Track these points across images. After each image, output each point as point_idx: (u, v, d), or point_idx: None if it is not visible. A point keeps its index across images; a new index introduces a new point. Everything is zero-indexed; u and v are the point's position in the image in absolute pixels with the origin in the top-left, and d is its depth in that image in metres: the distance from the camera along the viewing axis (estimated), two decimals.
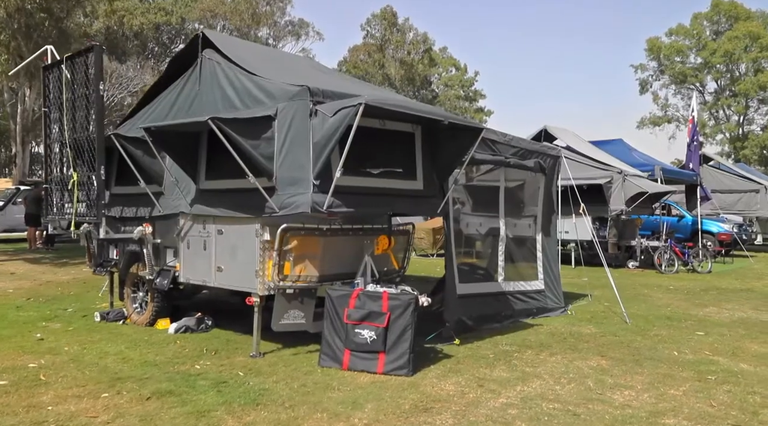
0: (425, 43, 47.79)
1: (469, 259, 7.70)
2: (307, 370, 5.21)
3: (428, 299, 5.44)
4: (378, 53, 47.09)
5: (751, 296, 10.20)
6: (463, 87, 54.92)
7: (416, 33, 48.28)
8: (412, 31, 48.08)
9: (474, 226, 7.64)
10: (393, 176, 5.86)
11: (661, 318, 8.01)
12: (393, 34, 47.16)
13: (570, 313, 8.20)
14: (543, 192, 8.16)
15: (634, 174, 14.05)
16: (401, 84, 47.22)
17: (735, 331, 7.26)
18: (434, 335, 6.33)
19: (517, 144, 7.56)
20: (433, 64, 53.43)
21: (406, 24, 48.30)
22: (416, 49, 47.94)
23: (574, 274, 13.04)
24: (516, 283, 7.67)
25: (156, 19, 42.16)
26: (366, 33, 47.77)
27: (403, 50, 47.74)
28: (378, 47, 47.39)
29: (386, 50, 47.40)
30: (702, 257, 13.80)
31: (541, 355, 5.97)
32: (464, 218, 7.51)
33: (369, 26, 47.50)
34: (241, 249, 5.73)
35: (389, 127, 5.84)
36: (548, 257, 8.17)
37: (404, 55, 47.56)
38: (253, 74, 5.83)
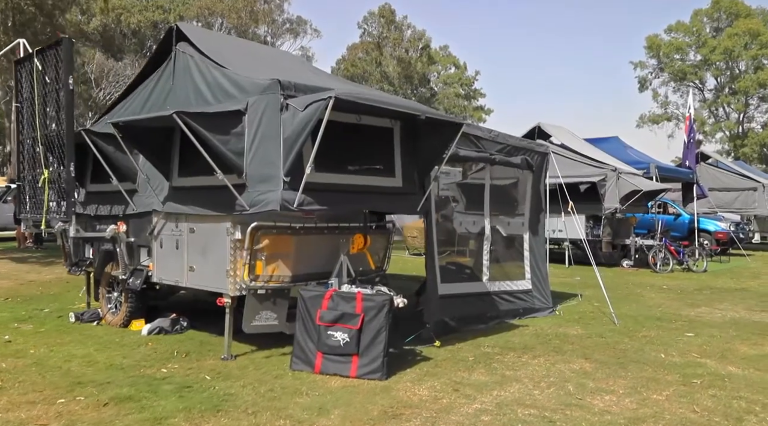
0: (422, 40, 47.49)
1: (452, 258, 7.52)
2: (277, 373, 5.03)
3: (404, 300, 5.26)
4: (375, 51, 46.84)
5: (745, 296, 10.01)
6: (462, 85, 54.74)
7: (414, 31, 48.03)
8: (410, 29, 47.83)
9: (458, 224, 7.46)
10: (370, 173, 5.68)
11: (651, 318, 7.82)
12: (391, 32, 46.90)
13: (558, 313, 8.02)
14: (530, 190, 7.97)
15: (629, 172, 13.85)
16: (399, 82, 46.98)
17: (726, 332, 7.07)
18: (414, 337, 6.15)
19: (503, 140, 7.37)
20: (432, 62, 53.25)
21: (405, 22, 48.08)
22: (414, 47, 47.68)
23: (567, 274, 12.86)
24: (502, 283, 7.48)
25: (153, 17, 42.04)
26: (363, 31, 47.50)
27: (401, 48, 47.48)
28: (376, 45, 47.14)
29: (384, 48, 47.15)
30: (697, 256, 13.60)
31: (524, 357, 5.78)
32: (449, 216, 7.32)
33: (366, 24, 47.25)
34: (213, 248, 5.55)
35: (366, 123, 5.66)
36: (536, 256, 7.99)
37: (402, 53, 47.29)
38: (225, 68, 5.65)
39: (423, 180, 6.09)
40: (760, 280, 12.13)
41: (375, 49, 47.12)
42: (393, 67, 46.21)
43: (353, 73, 48.34)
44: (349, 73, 48.55)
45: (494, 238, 7.48)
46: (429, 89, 52.44)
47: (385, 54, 47.15)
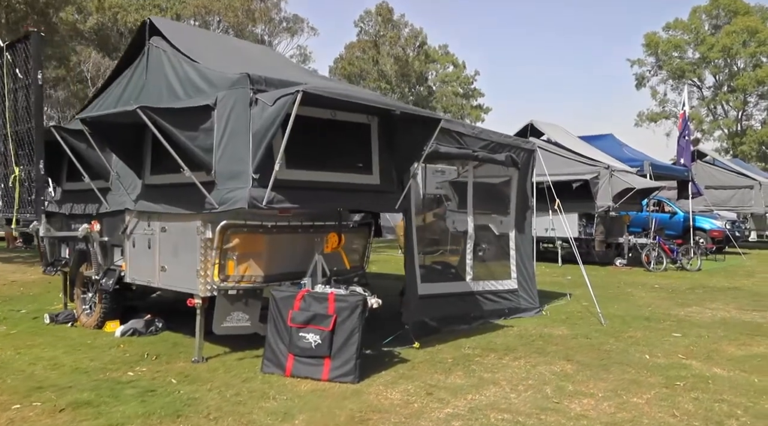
0: (418, 38, 47.29)
1: (434, 257, 7.38)
2: (247, 376, 4.89)
3: (378, 301, 5.11)
4: (373, 49, 46.66)
5: (738, 295, 9.86)
6: (461, 84, 54.59)
7: (411, 29, 47.85)
8: (408, 27, 47.65)
9: (443, 223, 7.31)
10: (346, 170, 5.53)
11: (639, 318, 7.67)
12: (388, 30, 46.72)
13: (545, 313, 7.87)
14: (516, 188, 7.81)
15: (622, 169, 13.69)
16: (397, 81, 46.81)
17: (714, 332, 6.92)
18: (392, 338, 6.00)
19: (486, 137, 7.22)
20: (430, 61, 53.07)
21: (402, 20, 47.90)
22: (411, 45, 47.50)
23: (559, 273, 12.72)
24: (486, 283, 7.33)
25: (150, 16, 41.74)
26: (360, 29, 47.32)
27: (398, 46, 47.28)
28: (373, 43, 46.96)
29: (381, 47, 46.96)
30: (691, 255, 13.45)
31: (504, 359, 5.64)
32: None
33: (363, 23, 47.06)
34: (184, 247, 5.40)
35: (342, 119, 5.51)
36: (522, 255, 7.83)
37: (399, 51, 47.10)
38: (196, 62, 5.50)
39: (402, 177, 5.94)
40: (754, 279, 11.97)
41: (372, 48, 46.97)
42: (390, 66, 46.01)
43: (350, 72, 48.23)
44: (346, 71, 48.44)
45: (479, 237, 7.33)
46: (427, 88, 52.27)
47: (382, 52, 46.96)
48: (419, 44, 48.70)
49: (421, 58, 49.65)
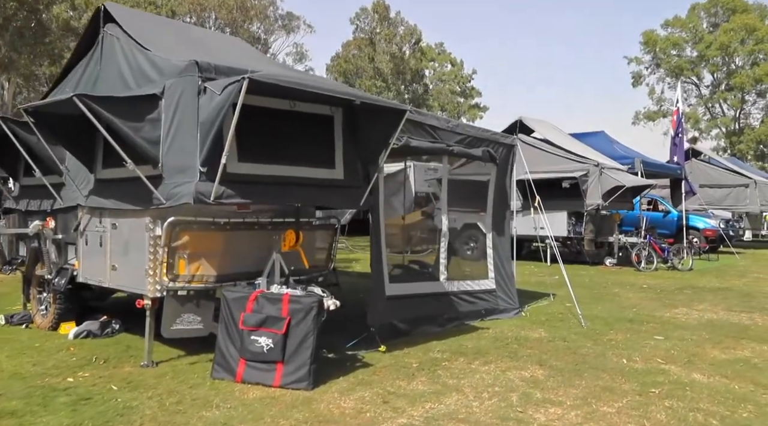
0: (413, 35, 46.97)
1: (405, 256, 7.09)
2: (196, 382, 4.60)
3: (336, 302, 4.81)
4: (368, 47, 46.34)
5: (727, 295, 9.57)
6: (458, 83, 54.32)
7: (407, 26, 47.52)
8: (404, 25, 47.32)
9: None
10: (306, 164, 5.24)
11: (622, 320, 7.38)
12: (384, 28, 46.40)
13: (524, 314, 7.58)
14: (494, 184, 7.52)
15: (612, 167, 13.40)
16: (392, 79, 46.49)
17: (698, 334, 6.63)
18: (357, 341, 5.71)
19: (462, 131, 6.92)
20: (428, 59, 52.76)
21: (398, 17, 47.56)
22: (406, 42, 47.18)
23: (547, 272, 12.42)
24: (462, 283, 7.04)
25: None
26: (356, 27, 46.99)
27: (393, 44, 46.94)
28: (369, 41, 46.64)
29: (378, 44, 46.62)
30: (682, 254, 13.15)
31: (474, 363, 5.35)
32: (393, 212, 6.89)
33: (358, 20, 46.73)
34: (133, 245, 5.11)
35: (302, 110, 5.22)
36: (500, 255, 7.54)
37: (394, 48, 46.76)
38: (148, 50, 5.20)
39: (368, 172, 5.64)
40: (746, 279, 11.68)
41: (368, 45, 46.64)
42: (385, 64, 45.68)
43: (346, 70, 47.93)
44: (342, 69, 48.15)
45: (453, 235, 7.04)
46: (423, 86, 51.96)
47: (378, 50, 46.62)
48: (415, 41, 48.41)
49: (417, 56, 49.35)
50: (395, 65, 46.01)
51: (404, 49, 48.52)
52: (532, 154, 13.90)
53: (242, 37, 44.31)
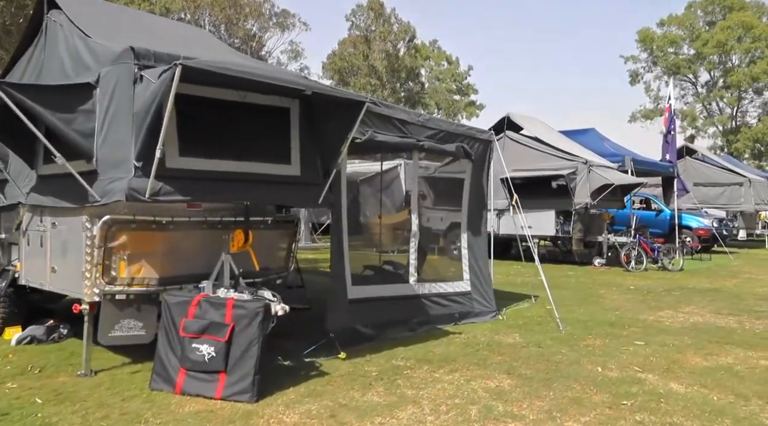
0: (407, 33, 46.59)
1: (370, 257, 6.75)
2: (132, 394, 4.26)
3: (284, 307, 4.48)
4: (363, 45, 45.97)
5: (716, 297, 9.25)
6: (455, 81, 53.99)
7: (401, 24, 47.16)
8: (398, 23, 46.97)
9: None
10: (258, 159, 4.90)
11: (603, 324, 7.05)
12: (379, 25, 46.03)
13: (501, 317, 7.25)
14: (470, 182, 7.18)
15: (601, 164, 13.07)
16: (387, 77, 46.12)
17: (681, 339, 6.30)
18: (315, 347, 5.37)
19: (434, 125, 6.58)
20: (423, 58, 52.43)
21: (392, 15, 47.18)
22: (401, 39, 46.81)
23: (533, 273, 12.08)
24: (434, 285, 6.71)
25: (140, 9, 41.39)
26: (351, 24, 46.63)
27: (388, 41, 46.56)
28: (364, 38, 46.27)
29: (373, 42, 46.24)
30: (673, 254, 12.83)
31: (438, 371, 5.01)
32: (363, 211, 6.55)
33: (354, 17, 46.36)
34: (72, 246, 4.78)
35: (254, 101, 4.87)
36: (476, 255, 7.21)
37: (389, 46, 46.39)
38: (89, 37, 4.86)
39: (328, 168, 5.30)
40: (737, 280, 11.36)
41: (363, 43, 46.27)
42: (380, 61, 45.29)
43: (341, 67, 47.57)
44: (337, 66, 47.80)
45: (424, 236, 6.70)
46: (419, 84, 51.62)
47: (373, 48, 46.25)
48: (409, 39, 48.05)
49: (412, 54, 49.01)
50: (390, 63, 45.64)
51: (399, 47, 48.20)
52: (520, 151, 13.62)
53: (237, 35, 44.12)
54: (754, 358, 5.63)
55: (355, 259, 8.12)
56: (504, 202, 13.73)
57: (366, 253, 14.41)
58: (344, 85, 48.31)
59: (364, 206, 20.53)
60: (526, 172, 13.23)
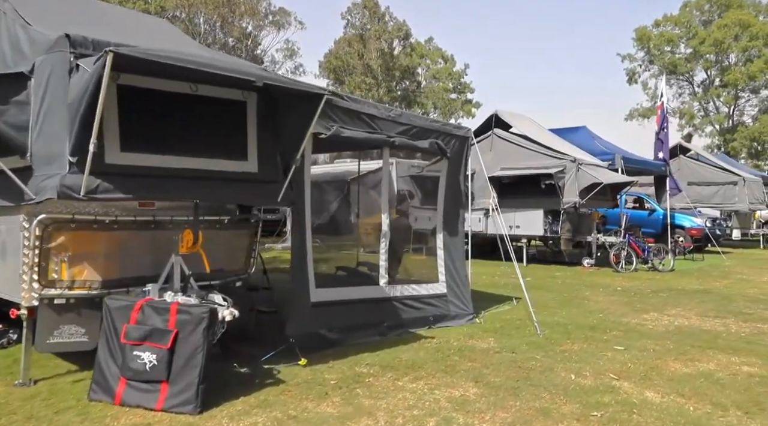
0: (400, 31, 46.29)
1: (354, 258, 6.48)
2: (67, 405, 3.99)
3: (233, 312, 4.21)
4: (359, 43, 45.70)
5: (705, 299, 8.98)
6: (451, 79, 53.72)
7: (396, 22, 46.89)
8: (392, 20, 46.71)
9: (345, 218, 6.40)
10: (211, 155, 4.63)
11: (584, 328, 6.78)
12: (374, 24, 45.75)
13: (479, 321, 6.98)
14: (446, 179, 6.91)
15: (591, 163, 12.80)
16: (383, 75, 45.84)
17: (663, 344, 6.04)
18: (274, 353, 5.10)
19: (407, 121, 6.31)
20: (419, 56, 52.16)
21: (387, 13, 46.90)
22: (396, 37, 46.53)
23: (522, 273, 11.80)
24: (407, 287, 6.44)
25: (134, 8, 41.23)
26: (347, 22, 46.35)
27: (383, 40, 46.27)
28: (359, 37, 46.01)
29: (368, 41, 45.96)
30: (662, 254, 12.56)
31: (402, 379, 4.75)
32: (325, 210, 6.29)
33: (350, 15, 46.08)
34: (10, 247, 4.50)
35: (207, 94, 4.61)
36: (452, 256, 6.94)
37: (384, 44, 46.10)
38: (30, 25, 4.58)
39: (288, 164, 5.03)
40: (727, 281, 11.10)
41: (358, 42, 46.00)
42: (375, 60, 45.00)
43: (336, 66, 47.30)
44: (332, 65, 47.54)
45: (396, 236, 6.43)
46: (415, 83, 51.36)
47: (369, 47, 45.97)
48: (403, 36, 47.77)
49: (407, 52, 48.75)
50: (384, 62, 45.36)
51: (394, 45, 47.93)
52: (508, 149, 13.36)
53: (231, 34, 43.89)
54: (737, 363, 5.36)
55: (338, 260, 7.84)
56: (493, 201, 13.48)
57: (351, 253, 14.14)
58: (339, 84, 48.09)
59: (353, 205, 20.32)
60: (514, 171, 12.99)
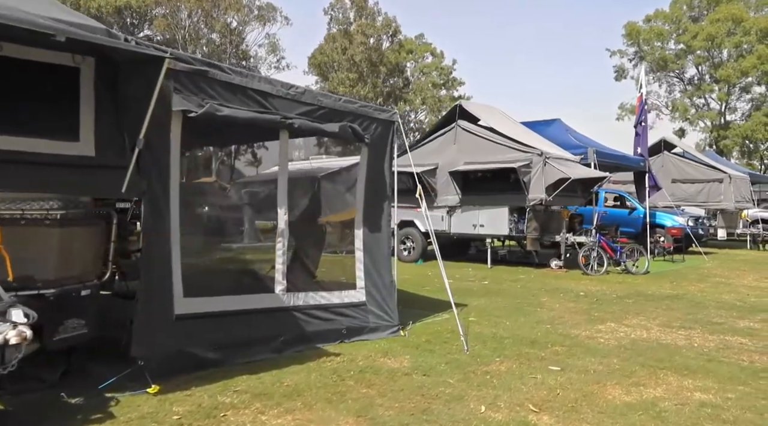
0: (388, 26, 45.37)
1: (218, 261, 5.55)
2: None
3: (24, 332, 3.26)
4: (343, 38, 44.71)
5: (674, 305, 8.08)
6: (440, 74, 52.89)
7: (385, 17, 45.96)
8: (381, 16, 45.77)
9: (229, 215, 5.48)
10: (26, 134, 3.70)
11: (523, 342, 5.87)
12: (359, 18, 44.77)
13: (403, 333, 6.05)
14: (366, 170, 5.98)
15: (560, 156, 11.88)
16: (368, 71, 44.88)
17: (608, 363, 5.13)
18: (114, 379, 4.16)
19: (311, 100, 5.37)
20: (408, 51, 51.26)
21: (375, 8, 45.93)
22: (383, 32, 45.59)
23: (481, 276, 10.92)
24: (313, 295, 5.51)
25: (116, 3, 40.37)
26: (330, 17, 45.37)
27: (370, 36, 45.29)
28: (344, 32, 45.04)
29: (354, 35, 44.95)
30: (636, 255, 11.65)
31: (268, 413, 3.83)
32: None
33: (333, 10, 45.09)
34: None
35: (19, 56, 3.68)
36: (374, 259, 6.02)
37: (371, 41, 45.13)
38: None
39: (134, 146, 4.09)
40: (703, 284, 10.20)
41: (344, 37, 45.00)
42: (359, 55, 43.97)
43: (320, 61, 46.34)
44: (317, 61, 46.59)
45: (299, 235, 5.51)
46: (404, 79, 50.45)
47: (354, 42, 44.97)
48: (392, 33, 46.84)
49: (395, 48, 47.80)
50: (369, 56, 44.33)
51: (382, 41, 46.98)
52: (473, 142, 12.45)
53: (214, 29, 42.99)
54: (689, 389, 4.46)
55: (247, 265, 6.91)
56: (455, 198, 12.58)
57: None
58: (324, 80, 47.14)
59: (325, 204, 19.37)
60: (478, 165, 12.08)
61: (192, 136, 4.86)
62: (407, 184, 13.94)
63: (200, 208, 6.57)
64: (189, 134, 4.64)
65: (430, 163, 12.80)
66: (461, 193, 12.38)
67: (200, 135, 6.12)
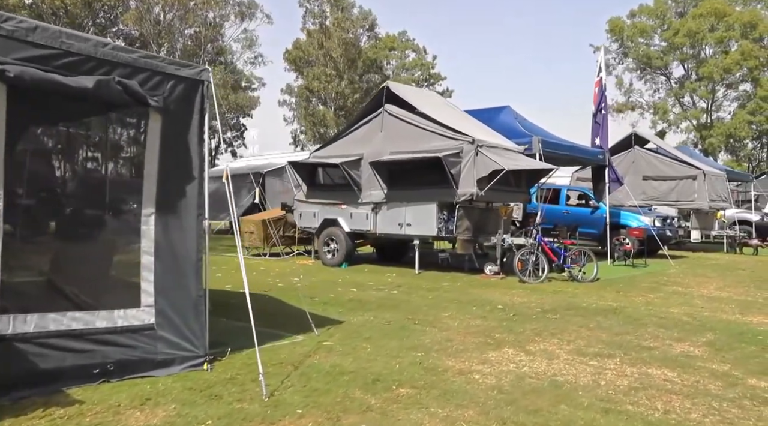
0: (365, 20, 43.85)
1: None
2: None
3: None
4: (320, 33, 43.11)
5: (604, 323, 6.54)
6: (422, 70, 51.61)
7: (361, 11, 44.43)
8: (356, 8, 44.23)
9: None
10: None
11: (362, 381, 4.29)
12: (335, 11, 43.18)
13: (206, 368, 4.46)
14: (159, 144, 4.40)
15: (495, 145, 10.32)
16: (344, 66, 43.28)
17: (456, 417, 3.56)
18: None
19: (50, 42, 3.80)
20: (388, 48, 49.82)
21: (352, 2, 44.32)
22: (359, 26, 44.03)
23: (397, 284, 9.35)
24: (55, 317, 3.92)
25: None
26: (305, 10, 43.76)
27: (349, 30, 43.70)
28: (320, 25, 43.44)
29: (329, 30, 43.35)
30: (583, 260, 10.10)
31: None
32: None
33: (308, 3, 43.46)
34: None
35: None
36: (174, 266, 4.44)
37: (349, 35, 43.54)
38: None
39: None
40: (654, 295, 8.64)
41: (319, 31, 43.38)
42: (336, 50, 42.36)
43: (296, 57, 44.78)
44: (292, 56, 45.02)
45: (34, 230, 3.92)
46: (382, 76, 48.90)
47: (333, 37, 43.35)
48: (369, 27, 45.29)
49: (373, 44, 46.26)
50: (346, 51, 42.73)
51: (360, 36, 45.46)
52: (401, 129, 10.88)
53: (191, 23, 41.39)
54: None
55: None
56: (380, 194, 11.00)
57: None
58: (299, 75, 45.57)
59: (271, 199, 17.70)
60: (402, 155, 10.52)
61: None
62: (332, 178, 12.51)
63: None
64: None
65: (355, 153, 11.24)
66: (387, 188, 10.81)
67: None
